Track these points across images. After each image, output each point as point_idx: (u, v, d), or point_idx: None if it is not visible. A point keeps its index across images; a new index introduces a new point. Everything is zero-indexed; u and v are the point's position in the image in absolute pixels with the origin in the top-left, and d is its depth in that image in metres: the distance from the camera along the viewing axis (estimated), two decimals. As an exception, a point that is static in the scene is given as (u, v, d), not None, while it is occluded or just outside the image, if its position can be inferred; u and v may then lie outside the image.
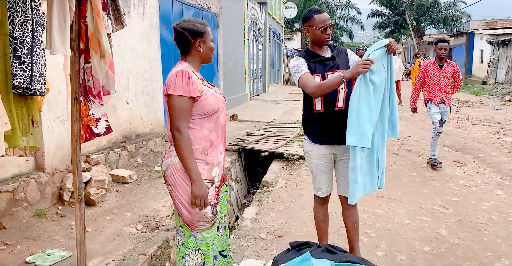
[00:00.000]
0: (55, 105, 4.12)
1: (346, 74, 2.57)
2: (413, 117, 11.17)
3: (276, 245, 3.58)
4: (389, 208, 4.45)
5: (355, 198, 2.75)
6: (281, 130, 8.18)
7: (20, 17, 2.44)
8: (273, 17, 20.91)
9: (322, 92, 2.67)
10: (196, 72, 2.26)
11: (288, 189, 5.11)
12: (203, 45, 2.27)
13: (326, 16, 2.80)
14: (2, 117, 2.28)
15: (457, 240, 3.68)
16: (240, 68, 13.12)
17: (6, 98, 2.52)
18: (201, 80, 2.25)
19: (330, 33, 2.80)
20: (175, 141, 2.15)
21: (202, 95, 2.19)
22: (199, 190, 2.15)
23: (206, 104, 2.20)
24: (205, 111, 2.21)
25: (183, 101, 2.13)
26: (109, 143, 5.35)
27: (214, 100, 2.25)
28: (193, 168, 2.15)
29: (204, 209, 2.23)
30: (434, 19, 33.03)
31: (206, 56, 2.32)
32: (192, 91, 2.14)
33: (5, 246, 3.32)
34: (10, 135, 2.48)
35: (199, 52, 2.27)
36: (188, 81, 2.13)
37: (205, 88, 2.23)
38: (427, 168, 6.04)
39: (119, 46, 5.48)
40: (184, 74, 2.14)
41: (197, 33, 2.23)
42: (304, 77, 2.74)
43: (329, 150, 2.88)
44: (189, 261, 2.31)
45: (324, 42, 2.83)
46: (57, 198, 4.20)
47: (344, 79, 2.57)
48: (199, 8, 8.96)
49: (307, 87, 2.71)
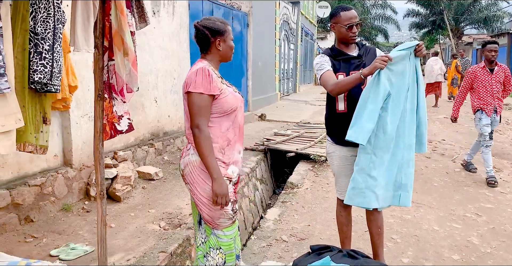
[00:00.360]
0: (83, 103, 4.20)
1: (364, 70, 2.48)
2: (448, 120, 10.79)
3: (298, 247, 3.52)
4: (418, 213, 4.29)
5: (350, 199, 2.68)
6: (310, 131, 8.07)
7: (43, 14, 2.48)
8: (305, 16, 20.75)
9: (340, 90, 2.59)
10: (215, 71, 2.25)
11: (313, 191, 5.02)
12: (223, 44, 2.26)
13: (353, 13, 2.71)
14: (16, 114, 2.31)
15: (489, 249, 3.50)
16: (270, 68, 13.07)
17: (22, 93, 2.55)
18: (220, 79, 2.24)
19: (356, 31, 2.72)
20: (195, 138, 2.14)
21: (222, 93, 2.18)
22: (220, 188, 2.14)
23: (225, 102, 2.19)
24: (224, 110, 2.20)
25: (203, 99, 2.13)
26: (137, 140, 5.42)
27: (233, 99, 2.24)
28: (214, 166, 2.14)
29: (222, 207, 2.22)
30: (474, 19, 31.84)
31: (226, 55, 2.30)
32: (212, 89, 2.13)
33: (32, 239, 3.41)
34: (22, 130, 2.52)
35: (219, 51, 2.27)
36: (208, 79, 2.13)
37: (224, 87, 2.22)
38: (460, 173, 5.80)
39: (149, 45, 5.54)
40: (204, 72, 2.14)
41: (217, 32, 2.22)
42: (325, 75, 2.67)
43: (352, 151, 2.79)
44: (209, 261, 2.31)
45: (349, 41, 2.75)
46: (84, 193, 4.29)
47: (362, 76, 2.47)
48: (229, 7, 8.97)
49: (327, 85, 2.64)
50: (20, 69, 2.49)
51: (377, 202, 2.68)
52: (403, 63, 2.56)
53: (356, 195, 2.66)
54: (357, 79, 2.51)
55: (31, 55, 2.52)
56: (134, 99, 5.25)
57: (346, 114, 2.70)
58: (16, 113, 2.30)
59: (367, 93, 2.53)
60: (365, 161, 2.61)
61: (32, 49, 2.51)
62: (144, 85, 5.49)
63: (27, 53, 2.51)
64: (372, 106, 2.51)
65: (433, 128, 9.35)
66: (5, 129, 2.24)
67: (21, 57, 2.50)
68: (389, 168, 2.67)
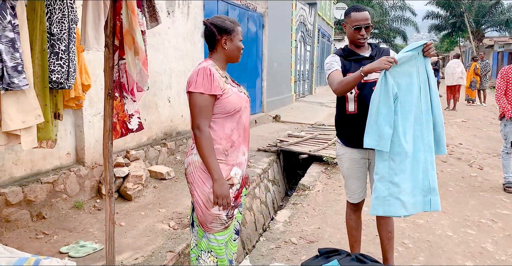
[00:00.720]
0: (97, 101, 4.24)
1: (364, 67, 2.40)
2: (466, 123, 10.60)
3: (307, 250, 3.48)
4: (431, 218, 4.20)
5: (374, 210, 2.54)
6: (324, 133, 8.01)
7: (58, 14, 2.51)
8: (322, 18, 20.63)
9: (343, 89, 2.52)
10: (220, 70, 2.20)
11: (325, 193, 4.97)
12: (229, 43, 2.21)
13: (362, 15, 2.64)
14: (36, 110, 2.35)
15: (504, 257, 3.40)
16: (286, 69, 13.02)
17: (43, 92, 2.60)
18: (225, 78, 2.19)
19: (364, 34, 2.64)
20: (196, 139, 2.11)
21: (224, 93, 2.13)
22: (220, 189, 2.10)
23: (227, 102, 2.14)
24: (227, 110, 2.16)
25: (204, 99, 2.09)
26: (150, 140, 5.45)
27: (237, 99, 2.18)
28: (214, 167, 2.10)
29: (227, 208, 2.18)
30: (496, 21, 31.17)
31: (232, 55, 2.25)
32: (213, 89, 2.09)
33: (43, 236, 3.45)
34: (43, 127, 2.56)
35: (224, 50, 2.22)
36: (209, 79, 2.08)
37: (227, 87, 2.16)
38: (477, 178, 5.67)
39: (163, 45, 5.57)
40: (205, 71, 2.10)
41: (224, 30, 2.18)
42: (332, 75, 2.62)
43: (362, 154, 2.74)
44: (200, 263, 2.27)
45: (356, 43, 2.69)
46: (95, 191, 4.33)
47: (362, 73, 2.40)
48: (245, 8, 8.97)
49: (332, 85, 2.59)
50: (40, 69, 2.53)
51: (405, 209, 2.55)
52: (410, 64, 2.49)
53: (380, 204, 2.53)
54: (358, 77, 2.43)
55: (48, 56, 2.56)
56: (147, 99, 5.29)
57: (356, 116, 2.65)
58: (36, 109, 2.34)
59: (377, 98, 2.45)
60: (384, 168, 2.51)
61: (49, 50, 2.55)
62: (158, 85, 5.52)
63: (46, 54, 2.55)
64: (385, 110, 2.43)
65: (451, 132, 9.18)
66: (26, 126, 2.28)
67: (40, 57, 2.54)
68: (413, 172, 2.55)
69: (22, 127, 2.27)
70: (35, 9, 2.43)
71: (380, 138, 2.43)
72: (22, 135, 2.31)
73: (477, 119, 11.35)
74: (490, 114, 12.56)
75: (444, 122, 5.63)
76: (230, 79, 2.28)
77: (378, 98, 2.44)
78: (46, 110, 2.56)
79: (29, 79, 2.26)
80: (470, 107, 14.15)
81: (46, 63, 2.54)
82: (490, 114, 12.42)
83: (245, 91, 2.35)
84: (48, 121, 2.59)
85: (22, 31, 2.25)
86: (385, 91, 2.43)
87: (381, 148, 2.45)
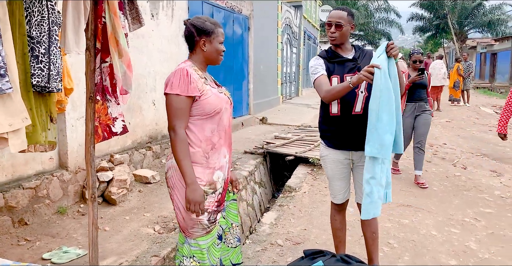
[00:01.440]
0: (79, 105, 4.19)
1: (353, 79, 2.39)
2: (450, 123, 10.74)
3: (293, 252, 3.48)
4: (416, 217, 4.24)
5: (368, 214, 2.53)
6: (310, 134, 8.03)
7: (37, 17, 2.48)
8: (308, 20, 20.74)
9: (332, 98, 2.55)
10: (199, 71, 2.17)
11: (311, 195, 4.98)
12: (208, 45, 2.18)
13: (336, 13, 2.66)
14: (23, 113, 2.32)
15: (487, 255, 3.45)
16: (273, 71, 13.05)
17: (27, 96, 2.56)
18: (204, 79, 2.16)
19: (333, 31, 2.64)
20: (171, 141, 2.07)
21: (203, 94, 2.10)
22: (192, 195, 2.05)
23: (206, 104, 2.11)
24: (206, 112, 2.13)
25: (179, 100, 2.06)
26: (134, 143, 5.40)
27: (216, 100, 2.15)
28: (188, 171, 2.05)
29: (201, 215, 2.12)
30: (478, 23, 31.72)
31: (210, 57, 2.21)
32: (190, 90, 2.06)
33: (25, 242, 3.39)
34: (31, 131, 2.53)
35: (203, 51, 2.19)
36: (186, 80, 2.05)
37: (206, 88, 2.13)
38: (460, 177, 5.74)
39: (147, 48, 5.54)
40: (182, 72, 2.07)
41: (203, 31, 2.16)
42: (318, 80, 2.63)
43: (346, 155, 2.75)
44: None
45: (330, 41, 2.72)
46: (79, 196, 4.27)
47: (351, 85, 2.40)
48: (230, 10, 8.97)
49: (320, 91, 2.61)
50: (22, 73, 2.50)
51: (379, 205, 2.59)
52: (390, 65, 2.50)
53: (373, 208, 2.54)
54: (347, 88, 2.44)
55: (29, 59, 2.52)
56: (132, 102, 5.24)
57: (339, 118, 2.67)
58: (22, 112, 2.31)
59: (376, 104, 2.41)
60: (379, 171, 2.50)
61: (29, 53, 2.51)
62: (142, 87, 5.48)
63: (27, 58, 2.51)
64: (387, 117, 2.40)
65: (435, 132, 9.29)
66: (13, 129, 2.25)
67: (22, 61, 2.50)
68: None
69: (10, 131, 2.24)
70: (13, 12, 2.39)
71: (381, 146, 2.41)
72: (10, 137, 2.28)
73: (460, 120, 11.51)
74: (473, 114, 12.74)
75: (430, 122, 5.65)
76: (211, 81, 2.26)
77: (378, 104, 2.41)
78: (32, 114, 2.53)
79: (14, 82, 2.23)
80: (454, 108, 14.33)
81: (28, 67, 2.51)
82: (473, 115, 12.60)
83: (226, 92, 2.33)
84: (35, 125, 2.55)
85: (6, 35, 2.22)
86: (387, 96, 2.39)
87: (382, 156, 2.43)
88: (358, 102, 2.62)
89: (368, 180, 2.50)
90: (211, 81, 2.25)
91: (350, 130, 2.65)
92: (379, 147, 2.43)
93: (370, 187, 2.50)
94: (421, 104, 5.24)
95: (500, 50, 26.33)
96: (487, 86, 24.99)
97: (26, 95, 2.57)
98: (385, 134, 2.41)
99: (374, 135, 2.44)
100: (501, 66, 26.31)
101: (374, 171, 2.50)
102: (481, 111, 13.55)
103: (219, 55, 2.22)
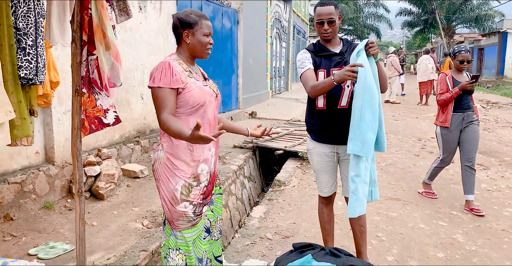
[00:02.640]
0: (66, 99, 4.12)
1: (335, 77, 2.39)
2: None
3: (282, 245, 3.48)
4: (404, 211, 4.27)
5: (354, 212, 2.54)
6: (299, 128, 8.04)
7: (23, 8, 2.43)
8: (297, 14, 20.70)
9: (316, 94, 2.56)
10: (184, 64, 2.16)
11: (301, 189, 4.99)
12: (191, 37, 2.16)
13: (326, 9, 2.61)
14: (7, 106, 2.28)
15: (474, 247, 3.49)
16: (262, 65, 13.01)
17: (15, 89, 2.52)
18: (189, 72, 2.15)
19: (327, 29, 2.61)
20: (163, 127, 2.02)
21: (186, 87, 2.09)
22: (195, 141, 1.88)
23: (190, 97, 2.10)
24: (190, 104, 2.11)
25: (163, 92, 2.05)
26: (122, 138, 5.35)
27: (199, 92, 2.13)
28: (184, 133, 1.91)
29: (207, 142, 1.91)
30: (466, 18, 31.96)
31: (194, 49, 2.19)
32: (172, 82, 2.05)
33: (11, 238, 3.34)
34: (20, 125, 2.48)
35: (187, 44, 2.18)
36: (167, 73, 2.05)
37: (190, 81, 2.12)
38: (448, 171, 5.79)
39: (135, 41, 5.47)
40: (164, 65, 2.07)
41: (186, 24, 2.14)
42: (304, 75, 2.63)
43: (331, 148, 2.76)
44: (169, 262, 2.23)
45: (321, 37, 2.69)
46: (66, 191, 4.22)
47: (334, 83, 2.40)
48: (219, 4, 8.90)
49: (306, 86, 2.62)
50: (10, 65, 2.45)
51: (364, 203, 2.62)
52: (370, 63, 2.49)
53: (359, 206, 2.56)
54: (330, 85, 2.44)
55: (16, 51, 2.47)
56: (120, 96, 5.18)
57: (325, 112, 2.68)
58: (6, 105, 2.28)
59: (359, 103, 2.42)
60: (363, 168, 2.52)
61: (16, 45, 2.46)
62: (130, 81, 5.42)
63: (14, 49, 2.46)
64: (369, 115, 2.41)
65: (423, 126, 9.37)
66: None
67: (9, 53, 2.45)
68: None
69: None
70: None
71: (363, 144, 2.43)
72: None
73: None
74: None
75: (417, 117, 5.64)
76: (198, 74, 2.25)
77: (361, 103, 2.41)
78: (21, 107, 2.49)
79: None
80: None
81: (15, 59, 2.46)
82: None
83: (213, 85, 2.31)
84: (25, 118, 2.51)
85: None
86: (369, 95, 2.39)
87: (364, 154, 2.45)
88: (344, 97, 2.62)
89: (352, 178, 2.52)
90: (197, 75, 2.23)
91: (336, 124, 2.66)
92: (361, 145, 2.45)
93: (355, 185, 2.52)
94: (469, 114, 4.36)
95: (487, 45, 26.60)
96: (474, 81, 25.22)
97: (15, 87, 2.53)
98: (367, 132, 2.43)
99: (356, 133, 2.46)
100: (488, 61, 26.59)
101: (358, 169, 2.52)
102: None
103: (203, 47, 2.19)
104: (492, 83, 22.82)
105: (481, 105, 13.75)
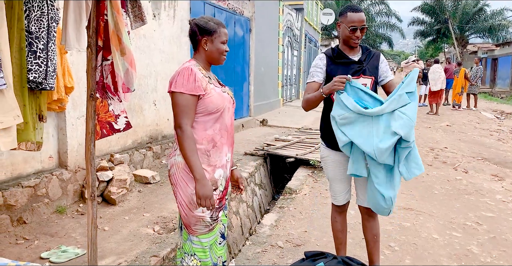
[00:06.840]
0: (80, 104, 4.17)
1: (324, 89, 2.45)
2: (451, 128, 10.72)
3: (293, 254, 3.45)
4: (417, 221, 4.21)
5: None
6: (310, 137, 8.01)
7: (36, 12, 2.46)
8: (309, 23, 20.75)
9: (308, 107, 2.62)
10: (203, 70, 2.19)
11: (312, 197, 4.95)
12: (209, 44, 2.19)
13: (360, 16, 2.59)
14: (15, 110, 2.29)
15: (489, 259, 3.42)
16: (273, 73, 13.04)
17: (21, 92, 2.54)
18: (208, 78, 2.17)
19: (359, 35, 2.59)
20: (178, 139, 2.08)
21: (206, 93, 2.12)
22: (203, 189, 2.05)
23: (210, 102, 2.12)
24: (209, 110, 2.14)
25: (184, 98, 2.07)
26: (135, 143, 5.38)
27: (219, 99, 2.16)
28: (197, 166, 2.05)
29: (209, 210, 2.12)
30: (479, 28, 31.72)
31: (211, 56, 2.22)
32: (194, 89, 2.07)
33: (23, 241, 3.36)
34: (22, 129, 2.49)
35: (205, 50, 2.20)
36: (190, 79, 2.07)
37: (210, 87, 2.15)
38: (462, 181, 5.71)
39: (149, 48, 5.52)
40: (187, 71, 2.09)
41: (205, 31, 2.17)
42: (308, 86, 2.68)
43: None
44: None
45: (350, 44, 2.64)
46: (79, 195, 4.24)
47: (323, 95, 2.45)
48: (232, 12, 8.97)
49: (303, 98, 2.66)
50: (18, 68, 2.47)
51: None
52: None
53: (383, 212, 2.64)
54: (320, 98, 2.50)
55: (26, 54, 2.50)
56: (133, 102, 5.22)
57: None
58: (15, 109, 2.29)
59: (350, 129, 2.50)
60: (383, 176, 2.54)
61: (27, 48, 2.49)
62: (143, 88, 5.47)
63: (24, 53, 2.49)
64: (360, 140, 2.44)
65: (436, 136, 9.27)
66: (4, 126, 2.23)
67: (18, 56, 2.48)
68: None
69: (1, 128, 2.22)
70: (12, 6, 2.37)
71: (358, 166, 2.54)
72: (0, 135, 2.25)
73: (461, 124, 11.49)
74: (474, 118, 12.73)
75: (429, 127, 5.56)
76: (215, 80, 2.26)
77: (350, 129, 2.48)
78: (25, 111, 2.50)
79: (7, 79, 2.20)
80: (454, 112, 14.33)
81: (24, 62, 2.49)
82: (474, 119, 12.59)
83: (229, 91, 2.33)
84: (28, 123, 2.52)
85: (1, 29, 2.20)
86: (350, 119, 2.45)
87: (360, 174, 2.55)
88: None
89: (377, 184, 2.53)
90: (215, 81, 2.25)
91: None
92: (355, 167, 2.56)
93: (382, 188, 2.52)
94: None
95: (501, 55, 26.37)
96: (488, 91, 25.00)
97: (20, 90, 2.54)
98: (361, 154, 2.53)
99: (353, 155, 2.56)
100: (502, 72, 26.33)
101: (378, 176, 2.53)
102: (482, 116, 13.54)
103: (220, 54, 2.23)
104: (506, 94, 22.55)
105: (495, 115, 13.58)
